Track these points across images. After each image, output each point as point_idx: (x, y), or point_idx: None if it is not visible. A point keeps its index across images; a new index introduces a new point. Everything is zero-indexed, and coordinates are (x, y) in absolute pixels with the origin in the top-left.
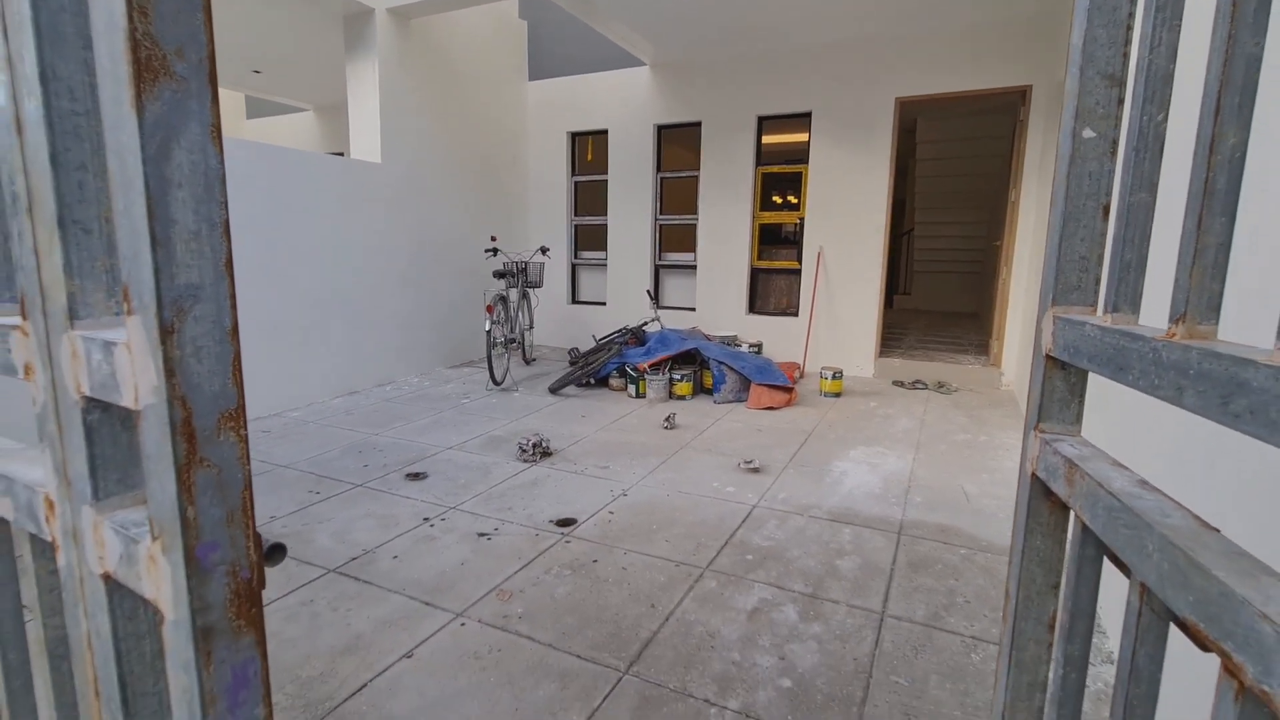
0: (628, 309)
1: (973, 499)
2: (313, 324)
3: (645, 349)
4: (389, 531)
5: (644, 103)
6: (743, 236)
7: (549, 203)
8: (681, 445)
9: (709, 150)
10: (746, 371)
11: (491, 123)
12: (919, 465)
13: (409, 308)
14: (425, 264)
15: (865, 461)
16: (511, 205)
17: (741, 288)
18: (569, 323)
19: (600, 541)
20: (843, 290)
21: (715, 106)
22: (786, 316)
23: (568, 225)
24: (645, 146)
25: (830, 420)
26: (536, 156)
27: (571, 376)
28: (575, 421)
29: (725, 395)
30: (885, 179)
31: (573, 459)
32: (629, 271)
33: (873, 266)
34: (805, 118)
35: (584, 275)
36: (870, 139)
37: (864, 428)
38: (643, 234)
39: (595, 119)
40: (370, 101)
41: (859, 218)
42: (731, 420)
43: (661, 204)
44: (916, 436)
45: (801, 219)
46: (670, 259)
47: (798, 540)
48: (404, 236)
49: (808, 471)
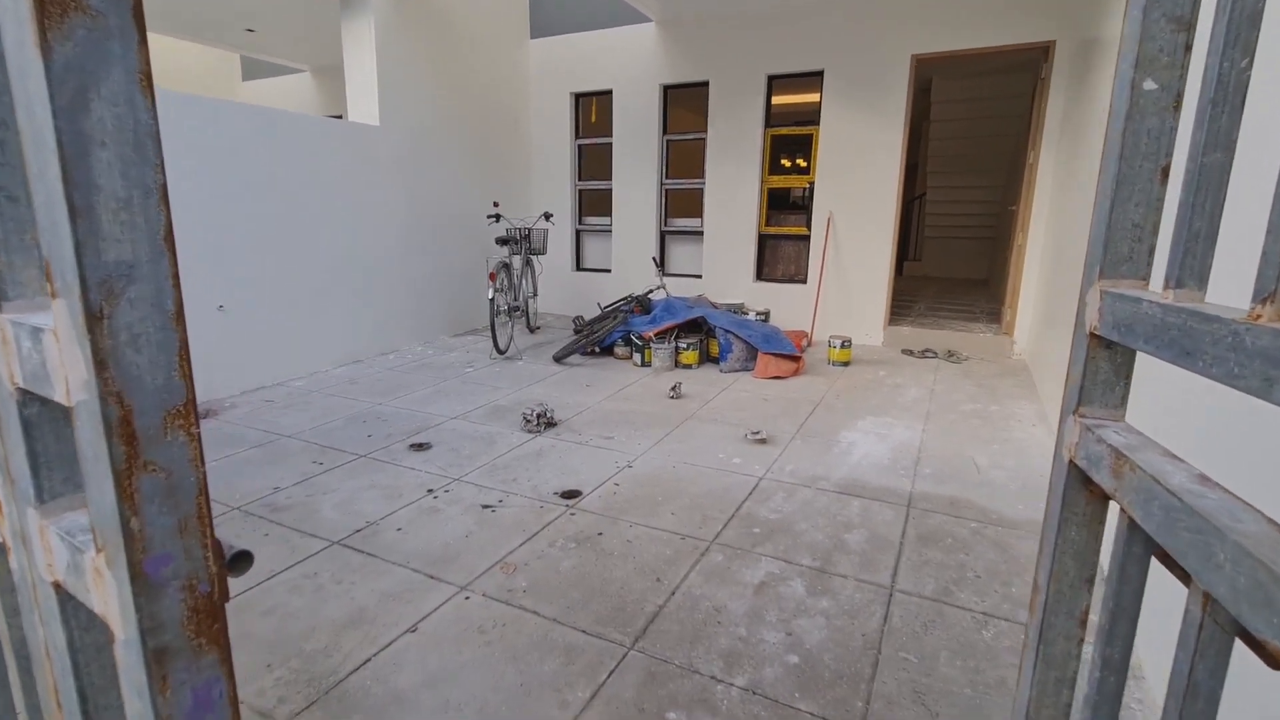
0: (633, 276)
1: (983, 471)
2: (316, 292)
3: (651, 317)
4: (393, 503)
5: (650, 62)
6: (751, 201)
7: (552, 167)
8: (687, 415)
9: (717, 111)
10: (753, 340)
11: (493, 83)
12: (928, 436)
13: (411, 275)
14: (427, 230)
15: (874, 432)
16: (514, 170)
17: (749, 254)
18: (573, 290)
19: (605, 513)
20: (853, 257)
21: (724, 65)
22: (795, 284)
23: (572, 190)
24: (651, 108)
25: (838, 389)
26: (539, 119)
27: (576, 345)
28: (580, 391)
29: (732, 364)
30: (899, 141)
31: (577, 429)
32: (634, 238)
33: (884, 233)
34: (817, 77)
35: (589, 242)
36: (884, 99)
37: (872, 397)
38: (648, 199)
39: (599, 79)
40: (367, 61)
41: (871, 182)
42: (738, 389)
43: (667, 168)
44: (926, 406)
45: (811, 183)
46: (676, 225)
47: (805, 513)
48: (404, 202)
49: (815, 442)
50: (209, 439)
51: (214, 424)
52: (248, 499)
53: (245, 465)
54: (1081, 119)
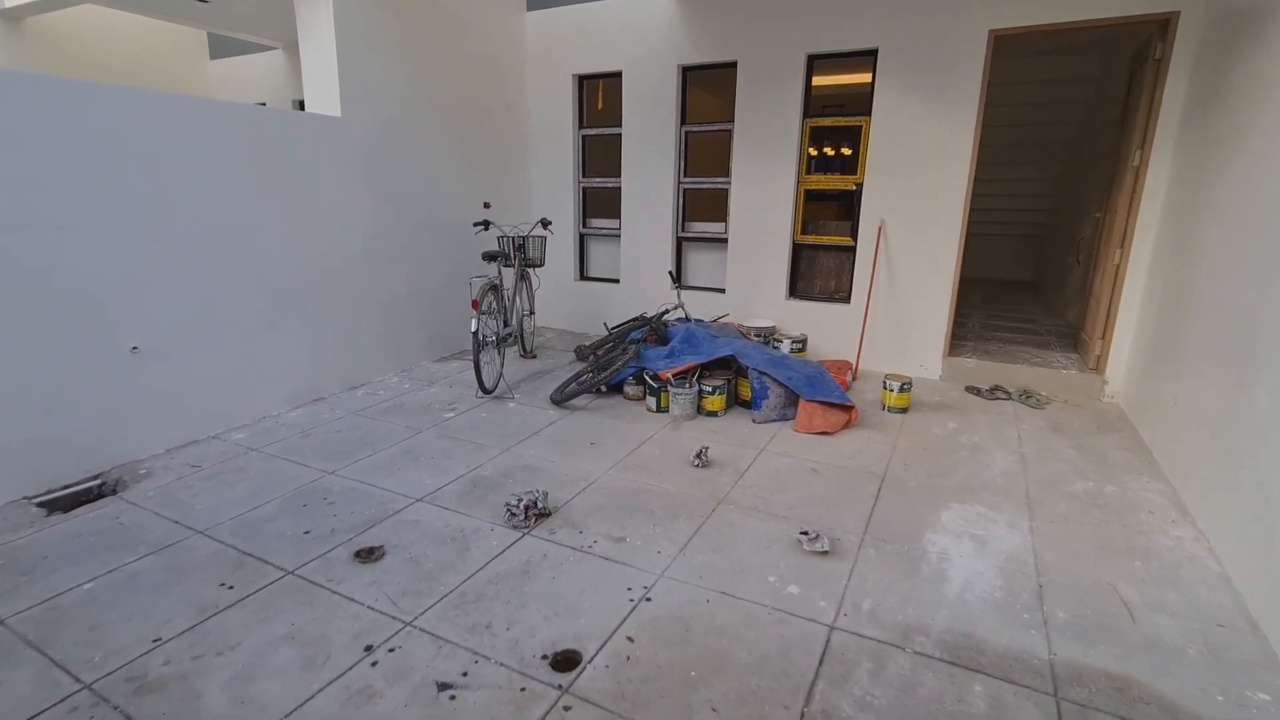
0: (646, 288)
1: (1136, 613)
2: (264, 319)
3: (668, 350)
4: (312, 676)
5: (666, 38)
6: (785, 204)
7: (552, 162)
8: (719, 497)
9: (746, 98)
10: (794, 384)
11: (481, 64)
12: (1042, 542)
13: (385, 292)
14: (402, 238)
15: (967, 534)
16: (507, 165)
17: (781, 267)
18: (576, 303)
19: (615, 706)
20: (908, 273)
21: (755, 43)
22: (835, 303)
23: (574, 188)
24: (667, 93)
25: (904, 453)
26: (537, 106)
27: (579, 387)
28: (582, 451)
29: (767, 413)
30: (970, 135)
31: (577, 522)
32: (646, 244)
33: (948, 246)
34: (868, 57)
35: (593, 248)
36: (952, 84)
37: (951, 468)
38: (663, 200)
39: (607, 59)
40: (324, 39)
41: (933, 184)
42: (778, 452)
43: (686, 164)
44: (1022, 485)
45: (859, 184)
46: (695, 230)
47: (907, 701)
48: (375, 206)
49: (893, 553)
50: (99, 534)
51: (113, 509)
52: (110, 664)
53: (129, 590)
54: (1230, 113)
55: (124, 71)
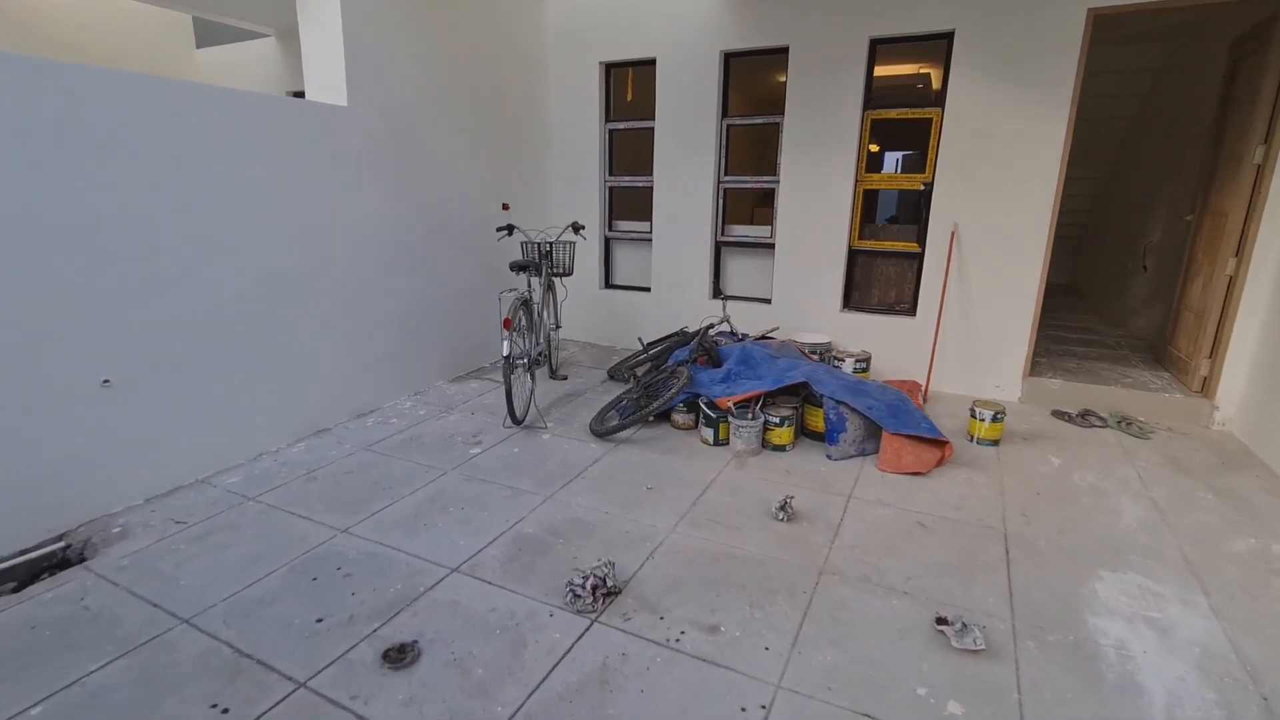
0: (679, 298)
1: None
2: (257, 339)
3: (724, 373)
4: None
5: (706, 21)
6: (841, 206)
7: (575, 158)
8: (818, 564)
9: (798, 87)
10: (875, 415)
11: (500, 51)
12: (1233, 627)
13: (395, 304)
14: (415, 243)
15: (1138, 615)
16: (527, 161)
17: (836, 275)
18: (602, 313)
19: None
20: (983, 284)
21: (808, 25)
22: (897, 315)
23: (600, 187)
24: (708, 82)
25: (1016, 500)
26: (560, 96)
27: (622, 417)
28: (639, 499)
29: (845, 448)
30: (1062, 130)
31: (653, 602)
32: (681, 249)
33: (1033, 254)
34: (942, 41)
35: (621, 253)
36: (1041, 71)
37: (1079, 520)
38: (701, 200)
39: (639, 45)
40: (329, 19)
41: (1015, 184)
42: (870, 499)
43: (727, 161)
44: (1173, 544)
45: (928, 184)
46: (737, 234)
47: None
48: (386, 208)
49: (1059, 647)
50: (58, 624)
51: (78, 585)
52: None
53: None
54: None
55: (105, 60)
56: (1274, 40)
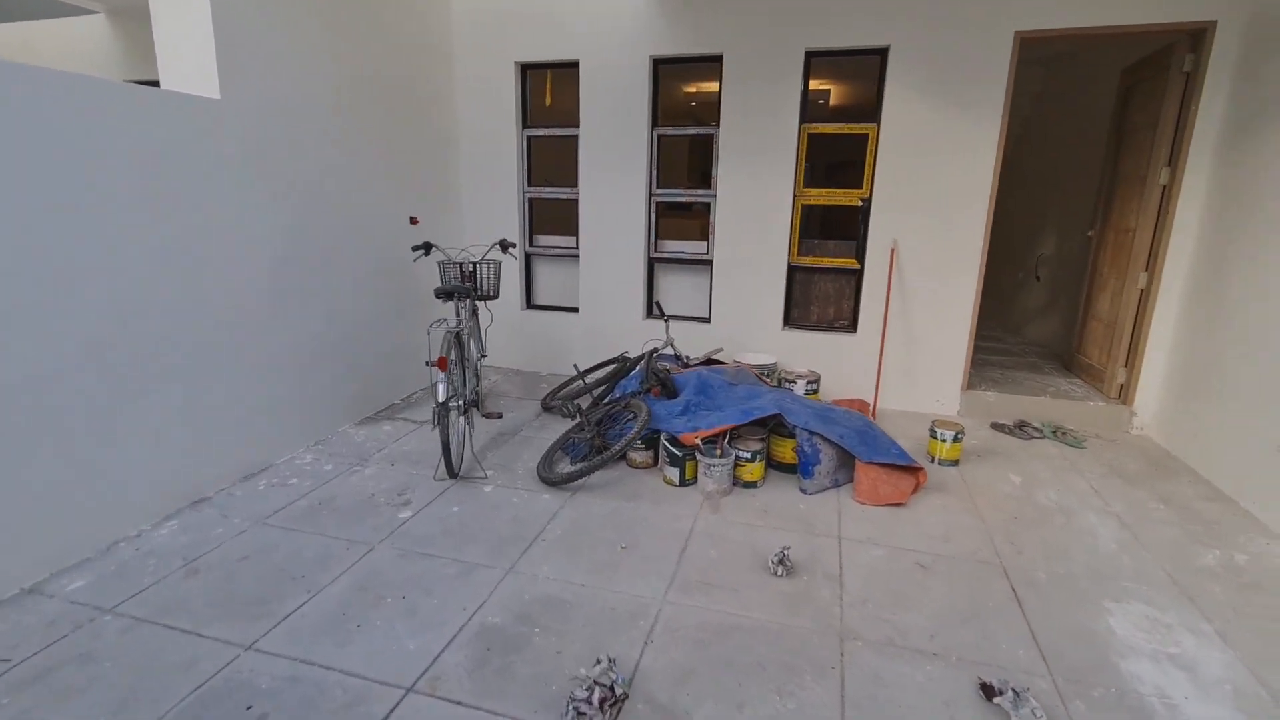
0: (610, 318)
1: None
2: (112, 385)
3: (681, 405)
4: None
5: (633, 23)
6: (780, 222)
7: (490, 167)
8: (835, 628)
9: (733, 98)
10: (848, 443)
11: (403, 42)
12: (1244, 654)
13: (290, 337)
14: (313, 265)
15: (1160, 652)
16: (435, 170)
17: (777, 292)
18: (523, 336)
19: None
20: (921, 299)
21: (743, 34)
22: (837, 332)
23: (519, 199)
24: (637, 89)
25: (997, 527)
26: (470, 98)
27: (577, 461)
28: (615, 563)
29: (820, 481)
30: (993, 146)
31: (669, 705)
32: (612, 266)
33: (968, 269)
34: (876, 56)
35: (544, 270)
36: (972, 90)
37: (1061, 546)
38: (632, 214)
39: (559, 45)
40: None
41: (951, 199)
42: (859, 539)
43: (658, 173)
44: (1152, 565)
45: (865, 199)
46: (670, 250)
47: None
48: (273, 222)
49: (1106, 704)
50: None
51: None
52: None
53: None
54: None
55: None
56: (1170, 71)
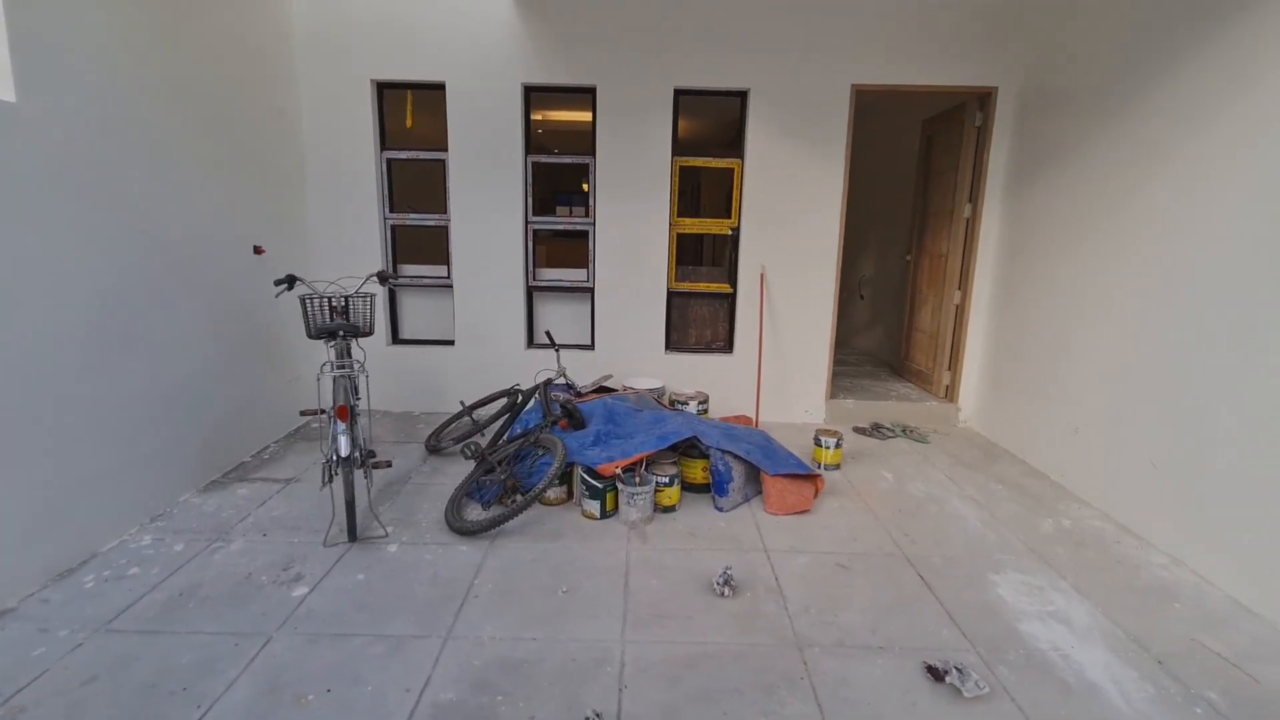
0: (490, 351)
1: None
2: None
3: (593, 435)
4: None
5: (503, 48)
6: (658, 250)
7: (344, 190)
8: (791, 640)
9: (608, 129)
10: (754, 459)
11: (240, 50)
12: (1099, 605)
13: (112, 393)
14: (138, 303)
15: (1042, 612)
16: (279, 193)
17: (658, 318)
18: (392, 373)
19: None
20: (789, 319)
21: (616, 68)
22: (715, 354)
23: (380, 226)
24: (509, 114)
25: (890, 523)
26: (319, 115)
27: (490, 503)
28: (562, 610)
29: (734, 498)
30: (840, 180)
31: None
32: (489, 295)
33: (826, 291)
34: (738, 98)
35: (412, 302)
36: (820, 131)
37: (943, 532)
38: (509, 242)
39: (422, 65)
40: None
41: (809, 227)
42: (783, 549)
43: (533, 201)
44: (1010, 537)
45: (735, 228)
46: (549, 278)
47: None
48: (84, 250)
49: (1021, 665)
50: None
51: None
52: None
53: None
54: (1042, 177)
55: None
56: (965, 125)
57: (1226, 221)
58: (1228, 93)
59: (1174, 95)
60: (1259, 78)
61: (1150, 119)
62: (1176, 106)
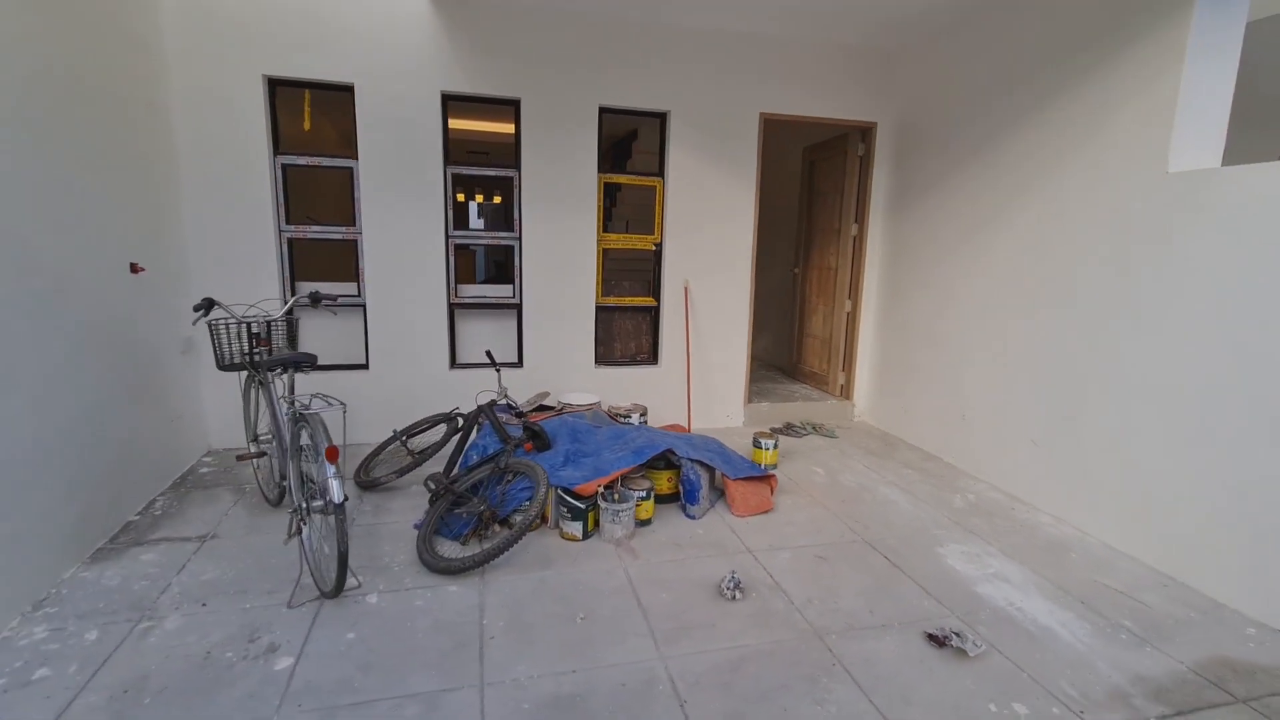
0: (410, 373)
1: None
2: None
3: (562, 455)
4: None
5: (421, 53)
6: (587, 264)
7: (230, 199)
8: (812, 630)
9: (533, 143)
10: (717, 465)
11: (108, 30)
12: (1025, 562)
13: None
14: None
15: (987, 575)
16: (152, 201)
17: (587, 333)
18: None
19: None
20: (711, 330)
21: (540, 82)
22: (641, 365)
23: (275, 239)
24: (427, 123)
25: (841, 514)
26: (197, 112)
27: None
28: (588, 639)
29: (704, 505)
30: (751, 199)
31: None
32: (407, 314)
33: (742, 302)
34: (658, 119)
35: (315, 324)
36: (734, 153)
37: (884, 516)
38: (428, 257)
39: (324, 64)
40: None
41: (726, 243)
42: (764, 548)
43: (454, 215)
44: (936, 514)
45: (658, 244)
46: (473, 295)
47: None
48: None
49: (993, 622)
50: None
51: None
52: None
53: None
54: (912, 202)
55: None
56: (849, 153)
57: (1078, 232)
58: (1073, 142)
59: (1025, 140)
60: (1103, 123)
61: (1009, 151)
62: (1029, 150)
